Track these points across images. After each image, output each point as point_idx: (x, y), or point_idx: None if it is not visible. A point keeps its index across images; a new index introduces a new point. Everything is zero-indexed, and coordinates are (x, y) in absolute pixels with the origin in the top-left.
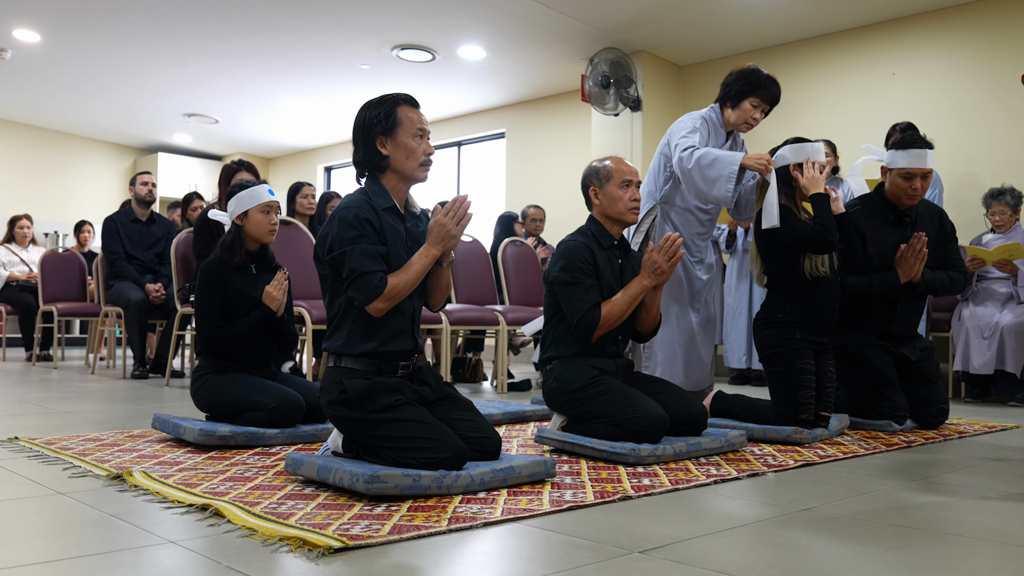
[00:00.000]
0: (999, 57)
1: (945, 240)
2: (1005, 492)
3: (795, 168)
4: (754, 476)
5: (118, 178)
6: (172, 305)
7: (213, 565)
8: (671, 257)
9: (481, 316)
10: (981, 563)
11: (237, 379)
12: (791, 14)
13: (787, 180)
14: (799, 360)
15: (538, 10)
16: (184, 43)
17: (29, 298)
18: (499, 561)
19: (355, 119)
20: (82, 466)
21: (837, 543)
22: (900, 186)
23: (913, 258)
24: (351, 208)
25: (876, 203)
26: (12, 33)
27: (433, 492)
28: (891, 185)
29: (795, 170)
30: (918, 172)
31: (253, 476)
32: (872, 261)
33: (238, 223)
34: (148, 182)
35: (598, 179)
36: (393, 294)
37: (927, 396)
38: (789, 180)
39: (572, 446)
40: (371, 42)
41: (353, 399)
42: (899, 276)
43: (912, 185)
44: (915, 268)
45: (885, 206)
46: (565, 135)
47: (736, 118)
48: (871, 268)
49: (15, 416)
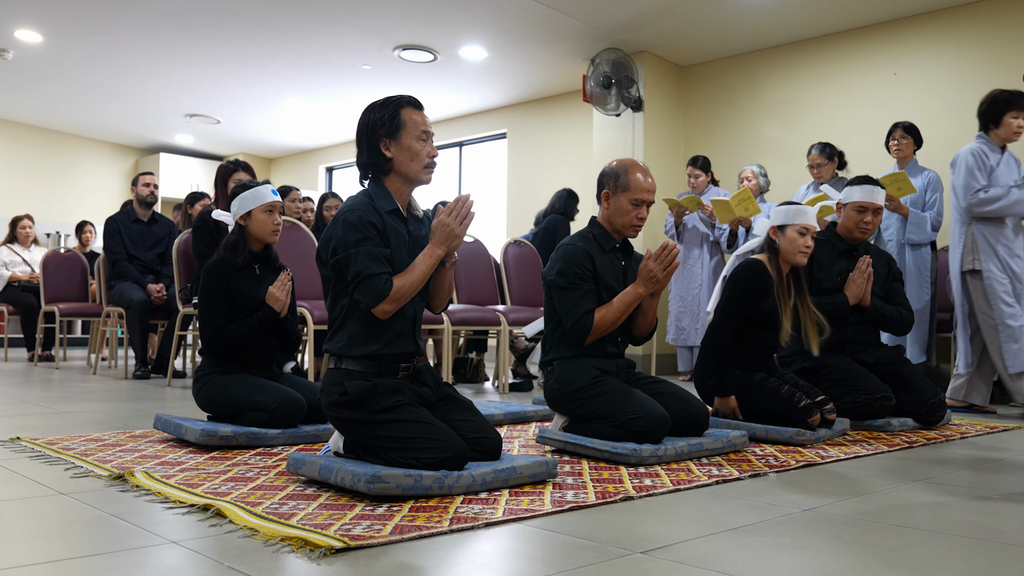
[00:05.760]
0: (1000, 57)
1: (891, 279)
2: (1005, 492)
3: (775, 231)
4: (756, 477)
5: (120, 178)
6: (174, 305)
7: (215, 565)
8: (667, 266)
9: (483, 316)
10: (981, 563)
11: (239, 379)
12: (793, 14)
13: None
14: (753, 378)
15: (539, 10)
16: (186, 44)
17: (31, 298)
18: (501, 561)
19: (359, 121)
20: (84, 466)
21: (838, 543)
22: (854, 219)
23: (860, 278)
24: (355, 211)
25: (828, 236)
26: (14, 34)
27: (435, 492)
28: (845, 219)
29: (776, 234)
30: (870, 206)
31: (255, 476)
32: (820, 283)
33: (241, 223)
34: (150, 183)
35: (614, 184)
36: (399, 296)
37: (912, 398)
38: (771, 243)
39: (574, 446)
40: (372, 42)
41: (354, 400)
42: (848, 298)
43: (864, 218)
44: (863, 289)
45: (836, 239)
46: (567, 135)
47: (1004, 133)
48: (821, 291)
49: (17, 416)
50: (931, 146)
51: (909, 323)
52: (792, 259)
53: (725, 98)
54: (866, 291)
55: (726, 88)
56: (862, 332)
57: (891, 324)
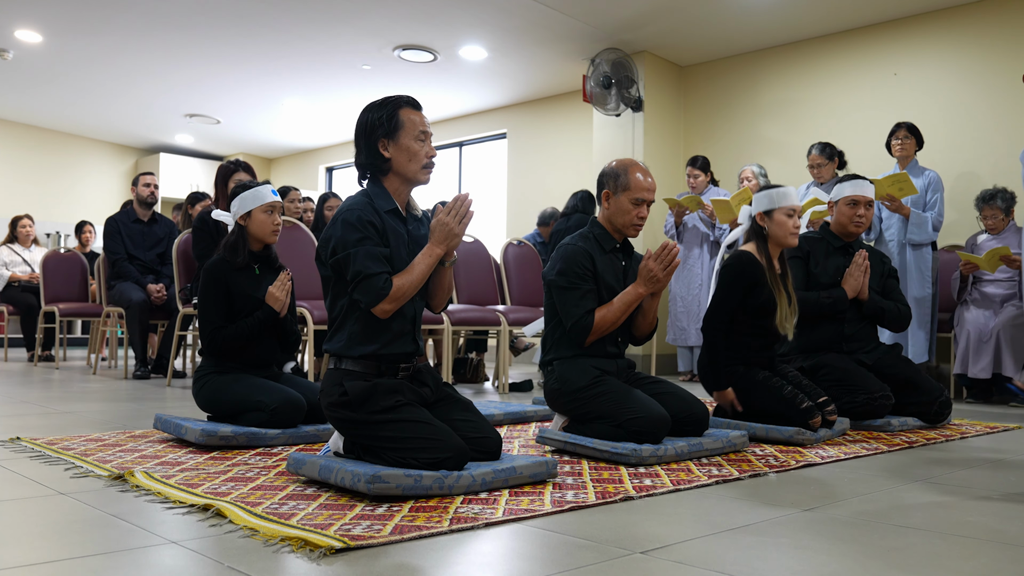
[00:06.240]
0: (1001, 57)
1: (887, 275)
2: (1006, 492)
3: (762, 217)
4: (756, 477)
5: (120, 178)
6: (174, 305)
7: (215, 565)
8: (667, 265)
9: (483, 316)
10: (982, 564)
11: (239, 379)
12: (793, 14)
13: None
14: (756, 376)
15: (539, 10)
16: (186, 44)
17: (31, 298)
18: (501, 561)
19: (357, 121)
20: (84, 466)
21: (838, 543)
22: (847, 214)
23: (857, 272)
24: (354, 210)
25: (823, 234)
26: (14, 34)
27: (435, 492)
28: (838, 215)
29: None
30: (862, 199)
31: (255, 476)
32: (817, 279)
33: (241, 223)
34: (150, 183)
35: (615, 184)
36: (399, 295)
37: (921, 398)
38: (759, 230)
39: (574, 446)
40: (372, 42)
41: (354, 401)
42: (846, 292)
43: (857, 212)
44: (860, 282)
45: (831, 237)
46: (566, 135)
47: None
48: (819, 286)
49: (17, 416)
50: (931, 146)
51: (907, 318)
52: (784, 241)
53: (725, 98)
54: (863, 285)
55: (726, 88)
56: (860, 329)
57: (889, 318)
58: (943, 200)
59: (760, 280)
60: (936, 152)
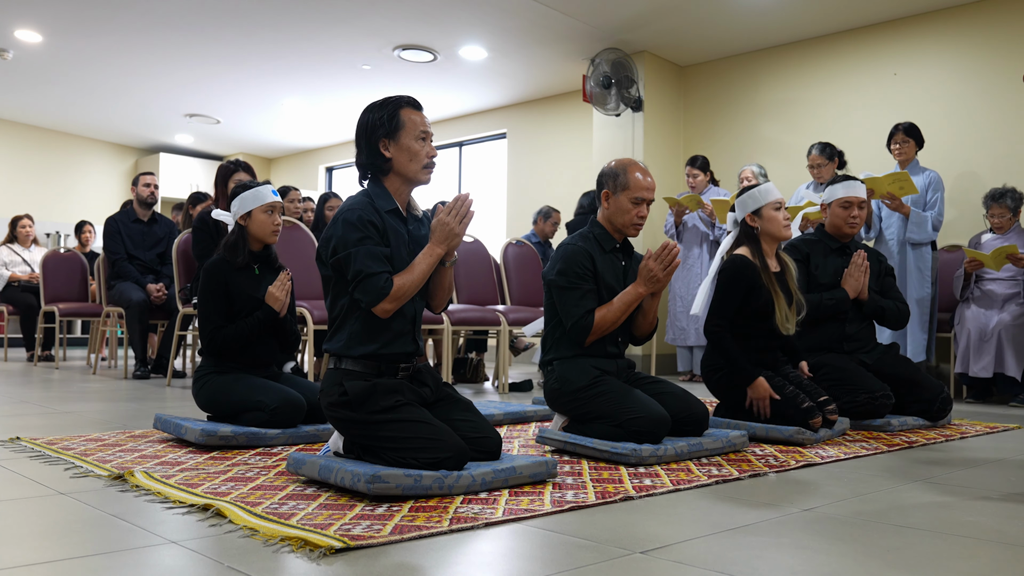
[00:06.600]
0: (1001, 57)
1: (884, 274)
2: (1006, 492)
3: (752, 218)
4: (756, 477)
5: (120, 178)
6: (174, 305)
7: (215, 565)
8: (667, 265)
9: (483, 316)
10: (981, 563)
11: (239, 379)
12: (793, 14)
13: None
14: None
15: (539, 10)
16: (186, 44)
17: (31, 298)
18: (500, 561)
19: (358, 121)
20: (83, 466)
21: (838, 543)
22: (841, 215)
23: (857, 272)
24: (354, 210)
25: (819, 236)
26: (14, 34)
27: (435, 492)
28: (833, 217)
29: (753, 220)
30: (855, 200)
31: (255, 476)
32: (817, 280)
33: (241, 223)
34: (150, 183)
35: (614, 184)
36: (399, 295)
37: (923, 396)
38: (750, 231)
39: (573, 446)
40: (372, 42)
41: (354, 401)
42: (847, 292)
43: (851, 213)
44: (861, 282)
45: (828, 238)
46: (566, 135)
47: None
48: (819, 287)
49: (17, 416)
50: (931, 146)
51: (906, 316)
52: (780, 234)
53: (725, 98)
54: (864, 284)
55: (726, 88)
56: (861, 329)
57: (889, 317)
58: (943, 200)
59: (757, 282)
60: (936, 152)
